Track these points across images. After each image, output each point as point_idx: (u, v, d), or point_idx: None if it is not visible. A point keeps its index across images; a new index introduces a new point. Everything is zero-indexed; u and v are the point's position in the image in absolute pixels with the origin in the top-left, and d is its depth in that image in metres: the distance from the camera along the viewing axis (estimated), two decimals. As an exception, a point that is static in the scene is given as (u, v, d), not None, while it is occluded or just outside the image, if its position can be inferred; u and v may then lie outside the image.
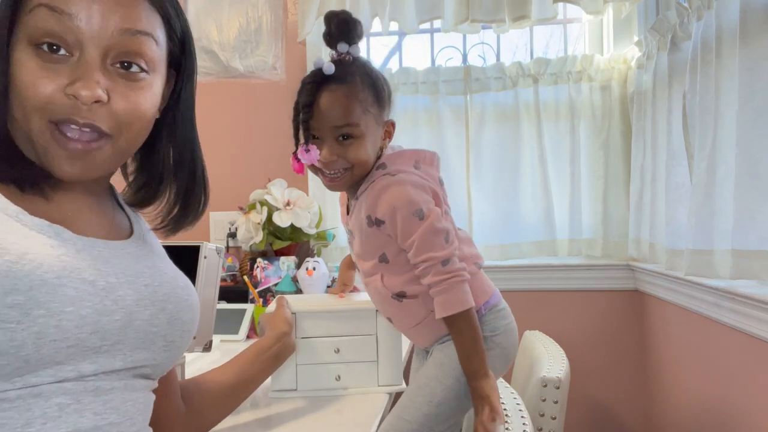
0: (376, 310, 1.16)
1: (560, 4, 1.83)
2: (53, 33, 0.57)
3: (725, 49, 1.24)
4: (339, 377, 1.14)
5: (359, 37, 1.05)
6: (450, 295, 1.01)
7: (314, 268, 1.69)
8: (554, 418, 1.49)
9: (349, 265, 1.30)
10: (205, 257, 1.08)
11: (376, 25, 1.93)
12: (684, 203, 1.46)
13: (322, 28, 1.06)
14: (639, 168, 1.77)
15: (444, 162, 2.06)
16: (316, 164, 1.06)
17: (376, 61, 2.20)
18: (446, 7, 1.86)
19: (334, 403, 1.10)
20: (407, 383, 1.14)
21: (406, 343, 1.18)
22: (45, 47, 0.57)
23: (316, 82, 1.03)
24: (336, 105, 1.03)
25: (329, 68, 1.02)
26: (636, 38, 1.87)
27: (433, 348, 1.13)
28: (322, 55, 2.09)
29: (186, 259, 1.10)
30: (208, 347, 1.07)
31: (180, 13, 0.69)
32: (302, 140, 1.04)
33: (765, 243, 1.14)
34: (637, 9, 1.88)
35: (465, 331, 1.02)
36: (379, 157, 1.09)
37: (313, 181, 2.03)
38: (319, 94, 1.03)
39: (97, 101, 0.58)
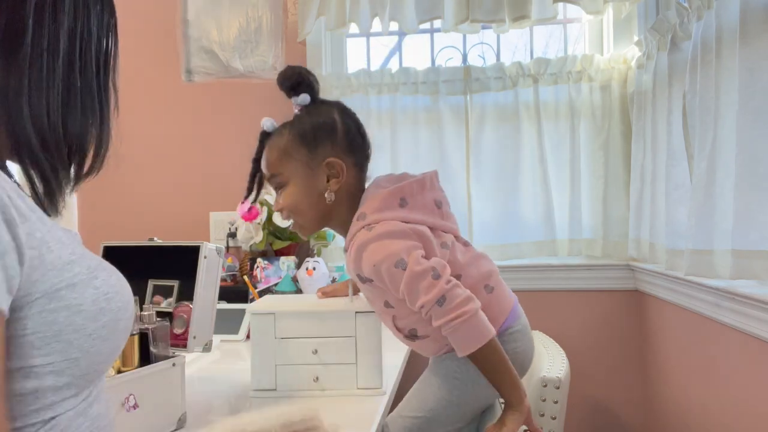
0: (356, 312, 1.15)
1: (560, 4, 1.83)
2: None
3: (725, 49, 1.24)
4: (317, 378, 1.14)
5: (301, 85, 1.10)
6: (461, 334, 0.97)
7: (314, 268, 1.69)
8: (554, 418, 1.49)
9: (356, 285, 1.29)
10: (205, 257, 1.08)
11: (376, 25, 1.93)
12: (684, 203, 1.46)
13: (322, 27, 1.07)
14: (639, 168, 1.77)
15: (444, 162, 2.07)
16: (240, 214, 1.15)
17: (376, 61, 2.20)
18: (446, 7, 1.86)
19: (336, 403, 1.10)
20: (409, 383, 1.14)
21: (386, 346, 1.17)
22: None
23: (260, 141, 1.12)
24: (265, 157, 1.11)
25: (266, 124, 1.12)
26: (636, 38, 1.87)
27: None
28: (321, 56, 2.09)
29: (186, 259, 1.10)
30: (208, 347, 1.07)
31: None
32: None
33: (765, 243, 1.14)
34: (637, 9, 1.88)
35: (488, 365, 1.00)
36: (359, 199, 1.08)
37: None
38: (261, 150, 1.12)
39: None
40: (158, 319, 0.98)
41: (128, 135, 0.94)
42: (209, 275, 1.10)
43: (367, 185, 1.12)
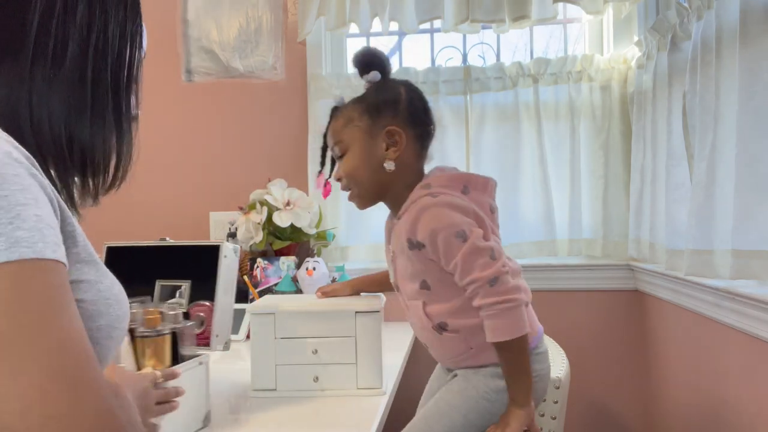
0: (356, 312, 1.14)
1: (560, 4, 1.83)
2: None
3: (725, 49, 1.24)
4: (317, 378, 1.13)
5: (373, 64, 1.12)
6: (502, 320, 0.97)
7: (314, 268, 1.69)
8: (554, 418, 1.49)
9: (357, 285, 1.29)
10: (225, 257, 1.09)
11: (376, 25, 1.93)
12: (684, 203, 1.46)
13: (322, 27, 1.09)
14: (639, 168, 1.77)
15: (444, 162, 2.05)
16: (318, 188, 1.19)
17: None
18: (446, 7, 1.86)
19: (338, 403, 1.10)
20: (406, 387, 1.13)
21: (386, 346, 1.16)
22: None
23: (329, 116, 1.15)
24: (329, 128, 1.14)
25: (336, 100, 1.14)
26: (636, 38, 1.86)
27: (458, 372, 1.10)
28: (321, 56, 2.09)
29: (193, 259, 1.10)
30: (227, 346, 1.08)
31: None
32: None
33: (765, 243, 1.14)
34: (637, 9, 1.88)
35: (513, 359, 0.99)
36: (424, 176, 1.11)
37: (313, 181, 2.03)
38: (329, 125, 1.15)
39: None
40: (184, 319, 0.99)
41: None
42: (228, 275, 1.10)
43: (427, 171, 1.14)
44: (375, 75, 1.12)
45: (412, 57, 2.20)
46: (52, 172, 0.60)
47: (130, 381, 0.74)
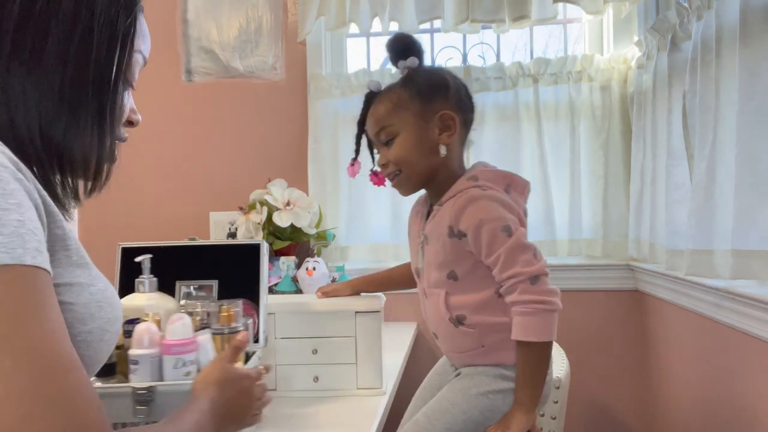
0: (356, 312, 1.14)
1: (560, 4, 1.83)
2: (136, 78, 0.68)
3: (725, 49, 1.24)
4: (317, 378, 1.13)
5: (410, 50, 1.11)
6: (534, 319, 0.97)
7: (314, 268, 1.69)
8: (554, 418, 1.49)
9: (357, 285, 1.28)
10: (264, 255, 1.10)
11: (376, 25, 1.93)
12: (684, 203, 1.46)
13: (322, 27, 1.09)
14: (639, 168, 1.77)
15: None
16: (352, 176, 1.17)
17: (376, 61, 2.20)
18: (446, 7, 1.86)
19: (335, 403, 1.10)
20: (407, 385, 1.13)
21: (386, 346, 1.16)
22: (130, 86, 0.68)
23: (365, 103, 1.12)
24: (373, 113, 1.10)
25: (372, 85, 1.11)
26: (636, 38, 1.86)
27: (462, 371, 1.10)
28: (321, 56, 2.09)
29: (243, 256, 1.11)
30: (267, 341, 1.10)
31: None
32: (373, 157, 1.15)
33: (765, 243, 1.14)
34: (637, 9, 1.88)
35: (532, 362, 0.99)
36: (466, 168, 1.11)
37: (314, 181, 2.03)
38: (367, 111, 1.12)
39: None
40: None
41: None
42: (266, 273, 1.11)
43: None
44: (413, 60, 1.11)
45: (412, 57, 2.20)
46: (35, 169, 0.58)
47: (227, 383, 0.76)
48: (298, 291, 1.74)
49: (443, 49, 2.15)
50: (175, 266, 1.09)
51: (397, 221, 1.99)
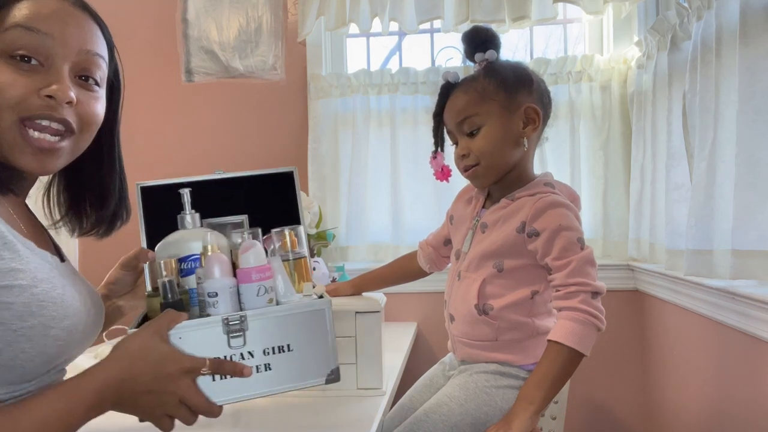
0: (356, 312, 1.14)
1: (560, 4, 1.83)
2: (28, 47, 0.69)
3: (725, 49, 1.24)
4: None
5: (490, 42, 1.10)
6: (582, 328, 0.99)
7: (314, 268, 1.69)
8: (554, 418, 1.49)
9: (359, 284, 1.28)
10: (297, 183, 1.10)
11: (376, 25, 1.93)
12: (684, 203, 1.46)
13: (322, 27, 1.08)
14: (639, 168, 1.77)
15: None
16: (438, 170, 1.16)
17: (376, 61, 2.20)
18: (446, 7, 1.86)
19: (337, 403, 1.10)
20: (409, 384, 1.13)
21: (386, 346, 1.16)
22: (18, 58, 0.68)
23: (442, 94, 1.11)
24: (454, 103, 1.09)
25: (449, 76, 1.10)
26: (636, 38, 1.87)
27: (462, 367, 1.12)
28: (321, 56, 2.09)
29: (274, 188, 1.09)
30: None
31: (113, 45, 0.83)
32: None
33: (765, 243, 1.14)
34: (637, 9, 1.88)
35: (558, 366, 0.98)
36: (537, 174, 1.12)
37: (314, 181, 2.04)
38: (445, 102, 1.11)
39: (68, 102, 0.70)
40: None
41: (128, 135, 0.94)
42: (300, 200, 1.11)
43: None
44: (492, 53, 1.10)
45: (412, 57, 2.20)
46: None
47: (146, 363, 0.70)
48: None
49: (443, 49, 2.15)
50: (199, 204, 1.00)
51: (397, 221, 1.99)
